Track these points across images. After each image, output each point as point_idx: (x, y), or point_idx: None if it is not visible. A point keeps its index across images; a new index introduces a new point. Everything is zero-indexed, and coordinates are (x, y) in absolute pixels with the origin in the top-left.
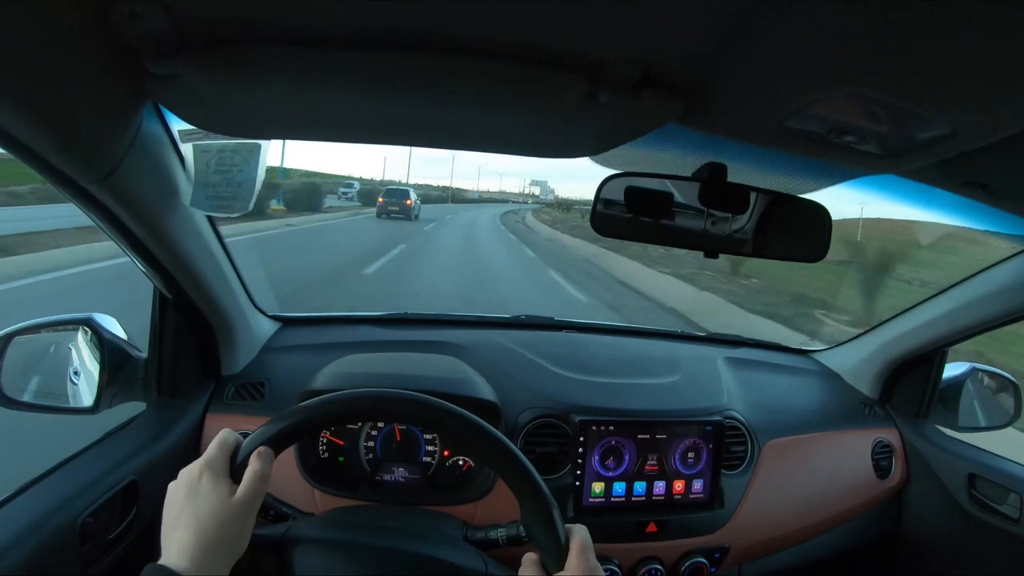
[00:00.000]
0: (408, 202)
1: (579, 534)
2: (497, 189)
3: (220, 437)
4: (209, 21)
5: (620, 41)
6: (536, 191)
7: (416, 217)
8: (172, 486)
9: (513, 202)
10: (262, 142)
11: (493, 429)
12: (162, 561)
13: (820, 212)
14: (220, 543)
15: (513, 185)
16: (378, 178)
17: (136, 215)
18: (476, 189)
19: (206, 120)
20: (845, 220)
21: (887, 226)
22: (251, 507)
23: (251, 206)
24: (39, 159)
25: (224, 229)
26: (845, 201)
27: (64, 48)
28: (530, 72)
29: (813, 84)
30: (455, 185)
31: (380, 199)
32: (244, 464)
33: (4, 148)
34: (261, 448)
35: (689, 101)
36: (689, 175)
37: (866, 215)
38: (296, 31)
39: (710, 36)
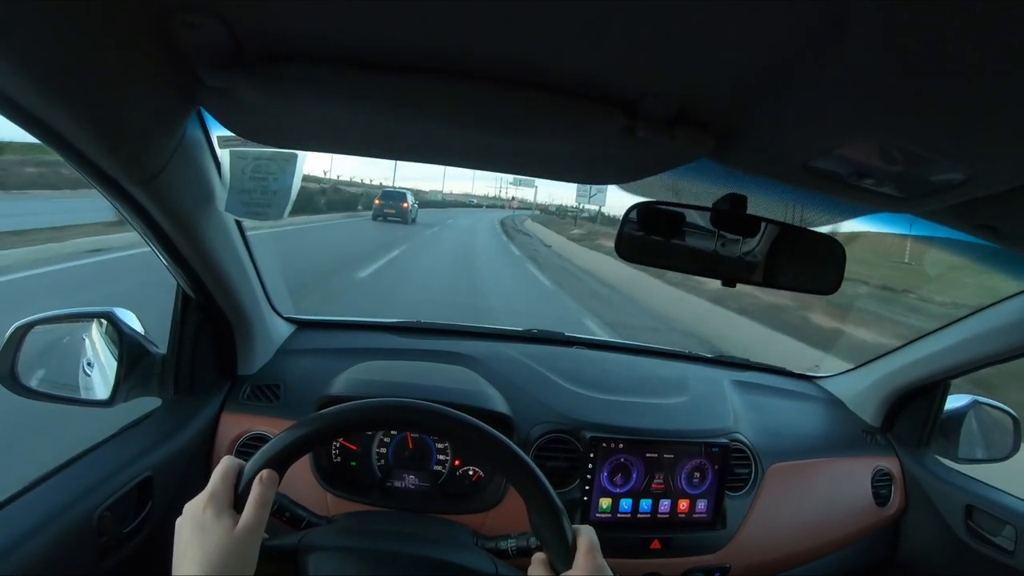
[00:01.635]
0: (405, 205)
1: (586, 534)
2: (462, 192)
3: (222, 467)
4: (267, 37)
5: (660, 78)
6: (541, 198)
7: (413, 221)
8: (179, 521)
9: (500, 207)
10: (299, 152)
11: (502, 436)
12: None
13: (835, 247)
14: (226, 573)
15: (484, 188)
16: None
17: (172, 217)
18: (440, 191)
19: (250, 131)
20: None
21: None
22: (256, 532)
23: (286, 215)
24: (85, 159)
25: None
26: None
27: (120, 52)
28: (569, 103)
29: (840, 131)
30: (417, 187)
31: (376, 201)
32: (248, 491)
33: (51, 147)
34: (263, 473)
35: (719, 139)
36: (709, 204)
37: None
38: (348, 52)
39: (747, 78)
